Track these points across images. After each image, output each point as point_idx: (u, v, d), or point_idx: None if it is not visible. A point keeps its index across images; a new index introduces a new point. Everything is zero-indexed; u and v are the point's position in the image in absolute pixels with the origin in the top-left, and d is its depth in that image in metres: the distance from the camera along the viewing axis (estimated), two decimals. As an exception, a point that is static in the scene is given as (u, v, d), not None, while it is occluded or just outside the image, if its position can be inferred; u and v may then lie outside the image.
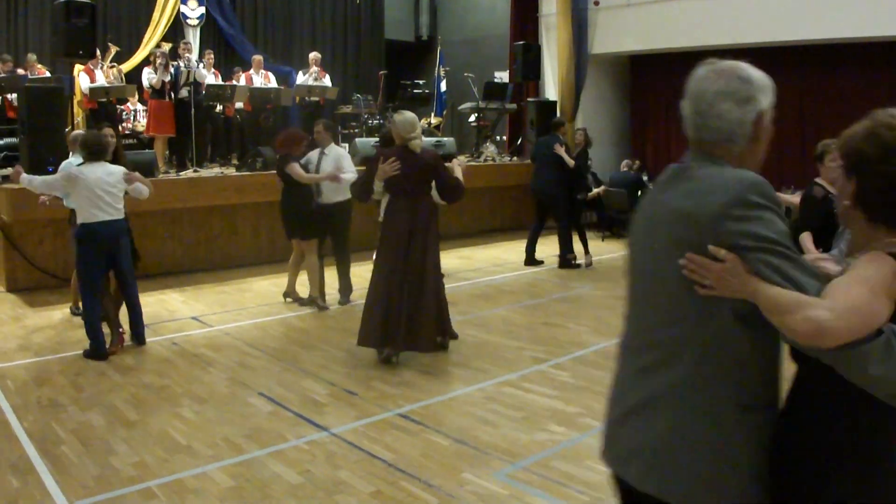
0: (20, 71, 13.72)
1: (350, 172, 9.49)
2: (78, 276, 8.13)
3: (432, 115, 18.75)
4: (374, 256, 7.53)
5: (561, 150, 12.01)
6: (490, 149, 16.67)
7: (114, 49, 15.05)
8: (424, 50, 22.54)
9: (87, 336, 7.73)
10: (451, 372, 7.20)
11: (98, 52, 14.04)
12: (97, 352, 7.70)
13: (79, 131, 9.77)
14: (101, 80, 13.88)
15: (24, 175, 7.82)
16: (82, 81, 13.82)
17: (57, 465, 5.33)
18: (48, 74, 14.05)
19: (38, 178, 7.88)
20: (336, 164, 9.51)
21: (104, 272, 7.84)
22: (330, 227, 9.78)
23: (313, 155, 9.74)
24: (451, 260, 12.94)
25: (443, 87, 19.30)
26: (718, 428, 2.33)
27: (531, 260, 12.51)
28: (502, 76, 18.75)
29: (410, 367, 7.36)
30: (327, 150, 9.70)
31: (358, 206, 9.47)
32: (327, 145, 9.75)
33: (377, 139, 11.75)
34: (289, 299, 10.10)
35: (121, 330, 8.04)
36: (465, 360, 7.55)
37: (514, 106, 17.64)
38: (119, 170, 7.82)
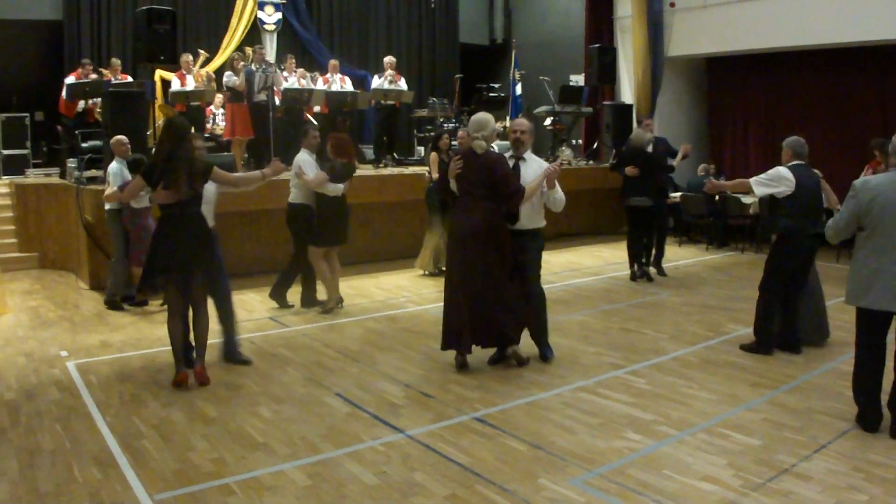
0: (93, 76, 14.01)
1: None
2: None
3: (507, 118, 18.70)
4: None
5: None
6: (566, 153, 16.56)
7: (203, 55, 15.33)
8: (499, 53, 22.49)
9: None
10: (528, 377, 7.16)
11: (191, 58, 14.36)
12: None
13: (119, 136, 10.11)
14: (191, 84, 14.14)
15: None
16: (174, 86, 14.10)
17: (138, 459, 5.45)
18: (130, 79, 14.36)
19: None
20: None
21: None
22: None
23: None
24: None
25: (518, 90, 19.19)
26: None
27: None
28: (578, 79, 18.64)
29: (487, 371, 7.35)
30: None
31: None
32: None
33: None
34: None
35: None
36: (542, 365, 7.51)
37: (589, 109, 17.55)
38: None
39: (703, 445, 5.57)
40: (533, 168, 7.54)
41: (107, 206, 10.06)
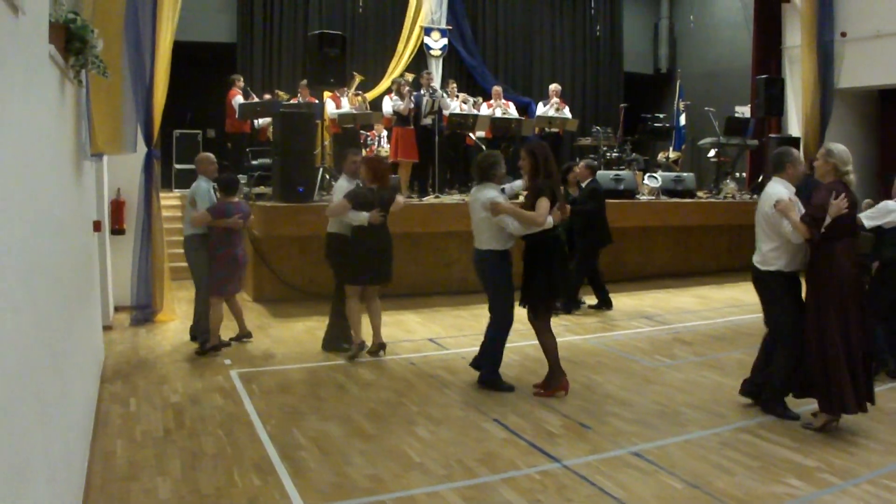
0: (267, 95, 14.52)
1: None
2: None
3: (671, 149, 18.47)
4: (817, 304, 6.49)
5: None
6: (730, 185, 16.15)
7: (358, 78, 15.69)
8: (663, 83, 22.31)
9: None
10: (687, 414, 6.97)
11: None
12: None
13: (206, 154, 9.65)
14: (346, 106, 14.47)
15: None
16: (329, 108, 14.47)
17: (296, 469, 5.57)
18: (316, 101, 14.84)
19: None
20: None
21: None
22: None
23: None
24: (687, 299, 12.67)
25: (682, 120, 18.96)
26: None
27: None
28: (744, 111, 18.26)
29: (645, 404, 7.20)
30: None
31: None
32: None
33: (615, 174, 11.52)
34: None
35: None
36: (702, 402, 7.29)
37: (755, 142, 17.11)
38: None
39: (867, 497, 5.28)
40: None
41: (189, 231, 9.04)
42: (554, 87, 16.40)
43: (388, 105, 14.50)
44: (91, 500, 5.04)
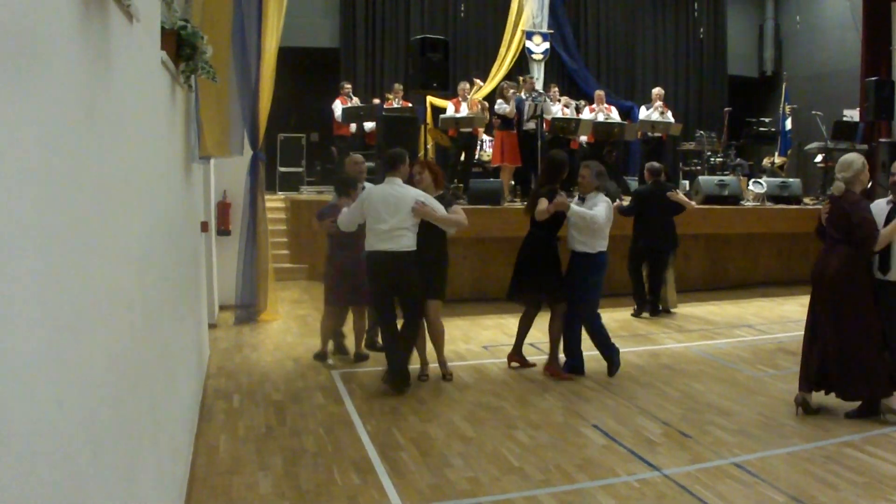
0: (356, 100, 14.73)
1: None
2: None
3: (776, 154, 18.10)
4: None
5: None
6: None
7: (478, 84, 15.79)
8: (768, 86, 21.89)
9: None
10: (790, 425, 6.80)
11: (467, 86, 14.85)
12: None
13: (354, 155, 9.52)
14: (464, 111, 14.55)
15: None
16: (449, 112, 14.59)
17: (395, 470, 5.62)
18: (409, 105, 14.99)
19: None
20: None
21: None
22: None
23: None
24: (792, 307, 12.38)
25: (788, 125, 18.57)
26: None
27: None
28: (852, 114, 17.77)
29: (747, 415, 7.06)
30: None
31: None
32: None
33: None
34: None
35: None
36: (805, 415, 7.12)
37: (864, 147, 16.58)
38: None
39: (978, 516, 5.10)
40: None
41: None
42: (657, 90, 16.22)
43: (498, 109, 14.60)
44: (195, 493, 5.18)
